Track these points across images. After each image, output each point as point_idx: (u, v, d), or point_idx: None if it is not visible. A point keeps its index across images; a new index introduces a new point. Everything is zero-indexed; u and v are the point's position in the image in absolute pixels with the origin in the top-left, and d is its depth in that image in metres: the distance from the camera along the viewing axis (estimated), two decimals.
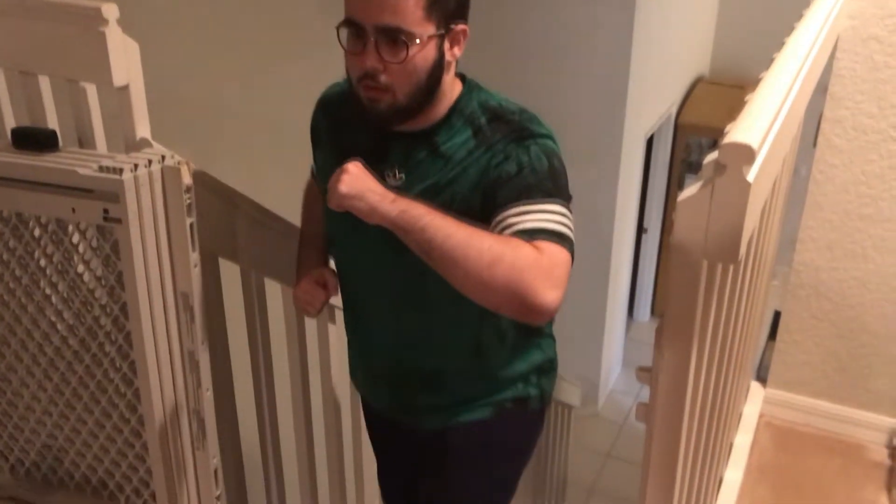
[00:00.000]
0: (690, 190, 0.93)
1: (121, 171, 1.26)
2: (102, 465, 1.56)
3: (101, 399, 1.48)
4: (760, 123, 0.97)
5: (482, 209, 1.28)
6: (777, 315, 2.19)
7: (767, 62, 1.25)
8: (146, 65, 1.31)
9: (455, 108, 1.34)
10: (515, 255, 1.15)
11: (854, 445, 2.14)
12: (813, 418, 2.20)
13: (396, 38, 1.20)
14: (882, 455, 2.11)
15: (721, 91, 5.59)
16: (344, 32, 1.24)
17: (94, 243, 1.37)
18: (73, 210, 1.31)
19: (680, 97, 5.57)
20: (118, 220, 1.29)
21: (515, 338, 1.50)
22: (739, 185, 0.89)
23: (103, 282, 1.39)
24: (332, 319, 1.92)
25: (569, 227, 1.24)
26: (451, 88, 1.35)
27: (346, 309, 1.57)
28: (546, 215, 1.23)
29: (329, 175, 1.26)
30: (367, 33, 1.20)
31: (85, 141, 1.43)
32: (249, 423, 1.81)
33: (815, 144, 1.94)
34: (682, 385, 1.05)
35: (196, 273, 1.40)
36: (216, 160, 2.17)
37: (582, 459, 4.71)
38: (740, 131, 0.91)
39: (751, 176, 0.89)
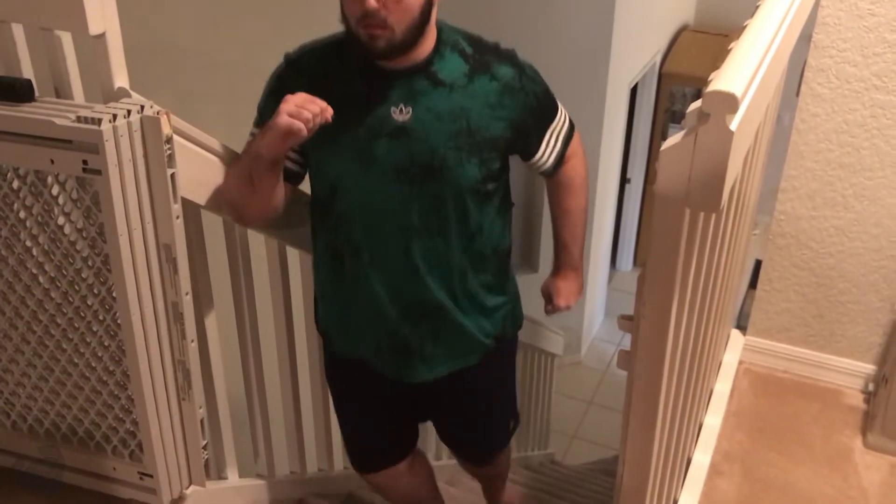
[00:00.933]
0: (674, 139, 0.93)
1: (99, 121, 1.24)
2: (88, 417, 1.56)
3: (85, 351, 1.48)
4: (744, 72, 0.97)
5: (510, 126, 1.51)
6: (758, 264, 2.21)
7: (752, 10, 1.24)
8: (123, 12, 1.28)
9: (440, 40, 1.46)
10: (584, 179, 1.77)
11: (831, 391, 2.19)
12: (791, 365, 2.24)
13: None
14: (858, 399, 2.16)
15: (706, 40, 5.55)
16: None
17: (75, 195, 1.35)
18: (52, 161, 1.29)
19: (664, 46, 5.53)
20: (98, 172, 1.27)
21: (499, 264, 1.67)
22: (722, 133, 0.89)
23: (84, 234, 1.38)
24: None
25: (564, 112, 1.68)
26: (434, 25, 1.46)
27: (334, 261, 1.59)
28: (563, 122, 1.66)
29: (320, 134, 1.36)
30: None
31: (62, 91, 1.40)
32: (236, 372, 1.83)
33: (798, 93, 1.94)
34: (663, 333, 1.06)
35: (178, 224, 1.40)
36: (197, 110, 2.14)
37: (565, 406, 4.79)
38: (724, 80, 0.91)
39: (734, 125, 0.89)
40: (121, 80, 1.33)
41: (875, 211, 1.97)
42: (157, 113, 1.31)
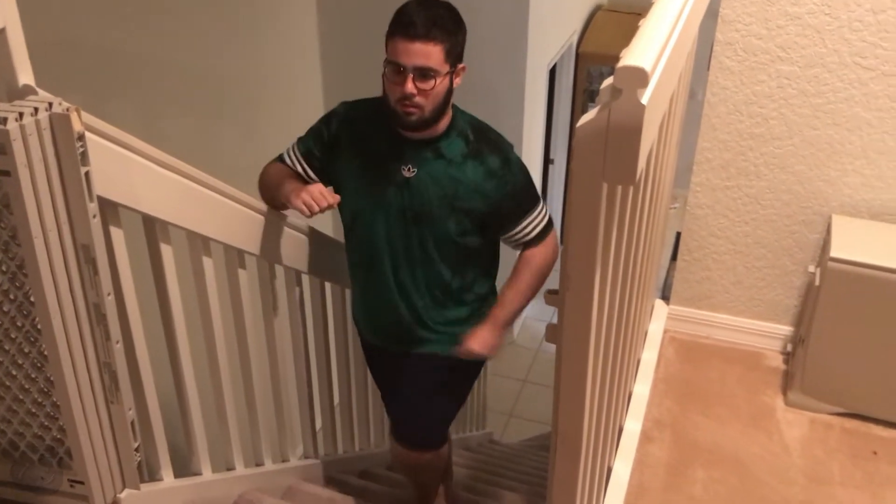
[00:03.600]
0: (588, 115, 0.95)
1: (5, 120, 1.20)
2: (11, 427, 1.51)
3: (4, 360, 1.44)
4: (652, 47, 0.99)
5: (486, 203, 1.89)
6: (679, 237, 2.28)
7: None
8: (28, 9, 1.24)
9: (452, 126, 1.88)
10: (545, 265, 2.00)
11: (752, 353, 2.27)
12: (714, 331, 2.32)
13: (427, 74, 1.73)
14: (778, 361, 2.25)
15: (620, 18, 5.65)
16: (389, 68, 1.75)
17: None
18: None
19: (580, 26, 5.61)
20: (6, 173, 1.23)
21: (473, 304, 2.06)
22: (634, 108, 0.91)
23: None
24: (242, 265, 1.90)
25: (547, 211, 2.00)
26: (451, 110, 1.86)
27: (360, 269, 2.04)
28: (540, 216, 1.97)
29: (350, 172, 1.92)
30: (407, 70, 1.72)
31: None
32: (165, 372, 1.79)
33: (708, 68, 2.00)
34: (588, 306, 1.09)
35: (96, 224, 1.36)
36: (109, 106, 2.08)
37: (500, 386, 4.85)
38: (633, 56, 0.93)
39: (645, 98, 0.91)
40: (25, 76, 1.28)
41: (785, 178, 2.04)
42: (67, 110, 1.27)
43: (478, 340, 1.97)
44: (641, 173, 1.16)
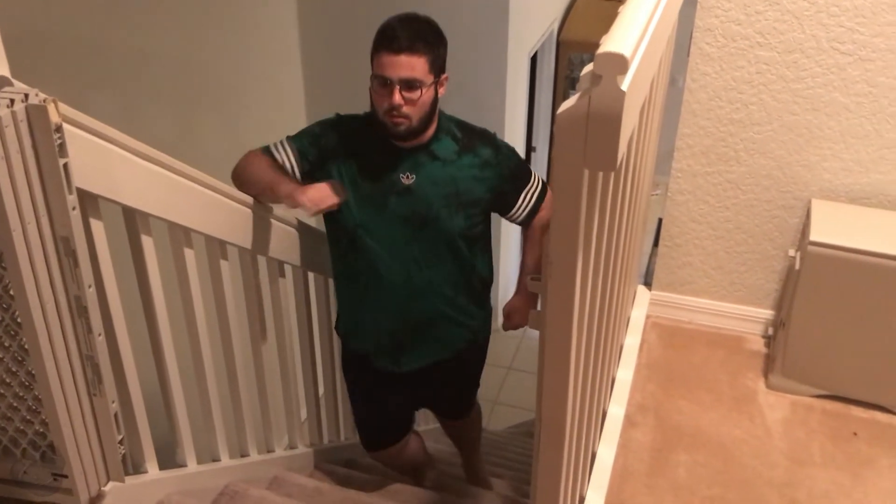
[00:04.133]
0: (569, 102, 0.95)
1: None
2: None
3: None
4: (632, 33, 0.99)
5: (488, 190, 2.01)
6: (661, 223, 2.29)
7: None
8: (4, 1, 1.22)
9: (439, 127, 1.97)
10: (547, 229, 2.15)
11: (734, 337, 2.29)
12: (696, 315, 2.34)
13: (413, 84, 1.81)
14: (759, 344, 2.27)
15: (600, 5, 5.65)
16: (376, 82, 1.83)
17: None
18: None
19: (561, 13, 5.61)
20: None
21: (480, 288, 2.18)
22: (614, 94, 0.91)
23: None
24: (225, 256, 1.89)
25: (538, 176, 2.14)
26: (436, 116, 1.96)
27: (355, 282, 2.08)
28: (535, 183, 2.12)
29: (352, 187, 1.96)
30: (393, 83, 1.80)
31: None
32: (149, 364, 1.78)
33: (689, 54, 2.00)
34: (570, 292, 1.09)
35: (75, 216, 1.35)
36: (89, 98, 2.06)
37: (485, 373, 4.84)
38: (613, 42, 0.94)
39: (625, 85, 0.92)
40: (1, 68, 1.27)
41: (765, 163, 2.06)
42: (44, 101, 1.26)
43: (519, 313, 2.17)
44: (622, 159, 1.16)
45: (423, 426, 3.28)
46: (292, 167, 1.96)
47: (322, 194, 1.86)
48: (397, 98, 1.81)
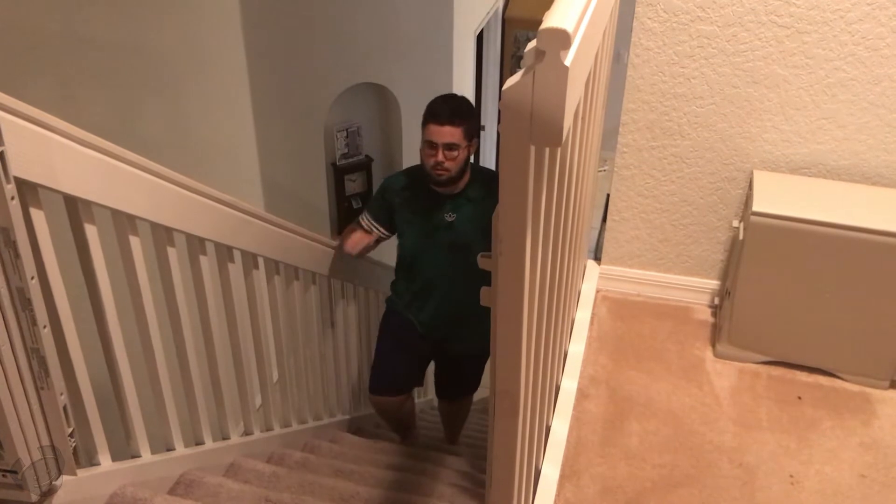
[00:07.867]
0: (514, 78, 0.95)
1: None
2: None
3: None
4: (574, 8, 1.00)
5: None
6: (609, 198, 2.31)
7: None
8: None
9: (472, 178, 2.71)
10: None
11: (682, 308, 2.34)
12: (644, 288, 2.38)
13: (453, 147, 2.53)
14: (706, 314, 2.32)
15: None
16: (425, 145, 2.56)
17: None
18: None
19: None
20: None
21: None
22: (558, 69, 0.92)
23: None
24: (171, 242, 1.86)
25: None
26: (469, 169, 2.68)
27: (412, 284, 2.85)
28: None
29: (407, 225, 2.78)
30: (438, 146, 2.53)
31: None
32: (98, 355, 1.75)
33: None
34: (520, 268, 1.10)
35: (14, 206, 1.32)
36: (22, 83, 2.00)
37: None
38: (556, 17, 0.94)
39: (568, 60, 0.92)
40: None
41: (708, 136, 2.09)
42: None
43: None
44: (568, 135, 1.17)
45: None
46: (379, 230, 2.85)
47: (352, 242, 2.88)
48: (441, 156, 2.53)
